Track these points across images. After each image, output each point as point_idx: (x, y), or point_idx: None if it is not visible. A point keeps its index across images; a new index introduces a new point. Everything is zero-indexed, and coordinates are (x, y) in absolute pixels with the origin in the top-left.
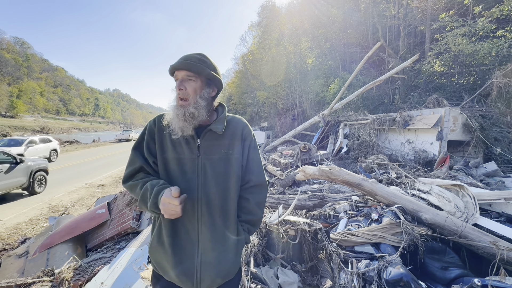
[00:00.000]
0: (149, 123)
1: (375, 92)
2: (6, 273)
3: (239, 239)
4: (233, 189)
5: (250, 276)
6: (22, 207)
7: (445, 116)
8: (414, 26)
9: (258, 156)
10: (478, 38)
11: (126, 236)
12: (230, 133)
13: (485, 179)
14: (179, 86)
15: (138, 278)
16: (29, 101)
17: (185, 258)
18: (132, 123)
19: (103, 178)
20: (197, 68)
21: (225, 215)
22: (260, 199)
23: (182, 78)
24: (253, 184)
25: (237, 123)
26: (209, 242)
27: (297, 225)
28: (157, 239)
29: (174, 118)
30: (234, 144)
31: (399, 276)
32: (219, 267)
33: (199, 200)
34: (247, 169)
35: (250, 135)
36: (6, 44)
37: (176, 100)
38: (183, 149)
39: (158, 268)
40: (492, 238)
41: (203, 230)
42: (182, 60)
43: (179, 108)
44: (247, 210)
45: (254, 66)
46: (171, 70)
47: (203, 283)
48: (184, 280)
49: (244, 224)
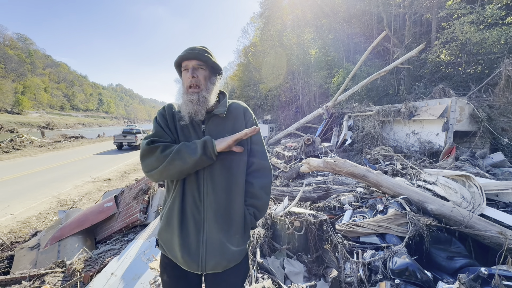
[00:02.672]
0: (159, 111)
1: (380, 83)
2: (20, 264)
3: (245, 223)
4: (238, 172)
5: (256, 266)
6: (31, 202)
7: (451, 107)
8: (420, 15)
9: (261, 139)
10: (487, 25)
11: (133, 228)
12: (232, 117)
13: (492, 169)
14: (192, 74)
15: (147, 268)
16: (34, 97)
17: (191, 239)
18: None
19: (109, 172)
20: (205, 58)
21: (230, 198)
22: (264, 183)
23: (193, 67)
24: (256, 168)
25: (238, 107)
26: (214, 224)
27: (302, 216)
28: (166, 220)
29: (186, 104)
30: (236, 127)
31: (405, 266)
32: (223, 249)
33: (204, 181)
34: (250, 152)
35: (251, 118)
36: (9, 41)
37: (185, 88)
38: (190, 134)
39: (165, 250)
40: (499, 228)
41: (208, 213)
42: (191, 51)
43: (193, 94)
44: (252, 194)
45: (256, 59)
46: (179, 61)
47: (208, 265)
48: (189, 261)
49: (250, 208)
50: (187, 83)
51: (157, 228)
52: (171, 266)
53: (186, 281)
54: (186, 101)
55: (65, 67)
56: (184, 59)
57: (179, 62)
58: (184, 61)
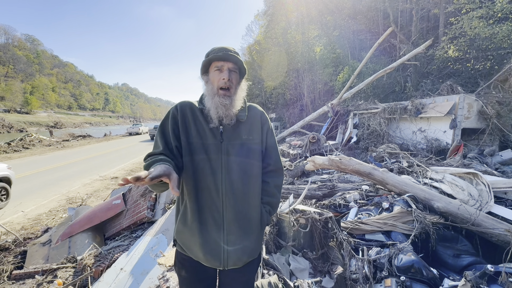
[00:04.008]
0: (172, 110)
1: (386, 80)
2: (33, 259)
3: (262, 220)
4: (255, 172)
5: (262, 263)
6: (42, 199)
7: (459, 103)
8: (427, 10)
9: (275, 141)
10: (497, 20)
11: (141, 225)
12: (249, 120)
13: (500, 167)
14: (229, 77)
15: (155, 264)
16: (42, 97)
17: (211, 240)
18: (142, 117)
19: (116, 170)
20: (240, 62)
21: (248, 198)
22: (278, 182)
23: (229, 69)
24: (272, 169)
25: (255, 111)
26: (234, 223)
27: (307, 214)
28: (183, 222)
29: (217, 107)
30: (253, 130)
31: (410, 263)
32: (244, 247)
33: (223, 183)
34: (266, 154)
35: (267, 122)
36: (17, 42)
37: (216, 89)
38: (207, 135)
39: (185, 250)
40: (506, 226)
41: (228, 213)
42: (228, 52)
43: (225, 97)
44: (268, 192)
45: (261, 57)
46: (213, 60)
47: (230, 261)
48: (211, 260)
49: (266, 206)
50: (220, 84)
51: (165, 225)
52: (190, 262)
53: (205, 275)
54: (218, 104)
55: (72, 67)
56: (220, 59)
57: (213, 61)
58: (218, 61)
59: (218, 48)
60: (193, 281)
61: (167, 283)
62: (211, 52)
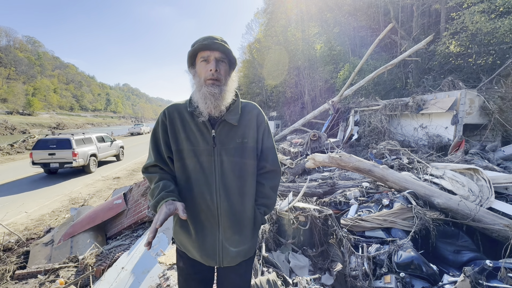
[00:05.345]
0: (160, 116)
1: (387, 77)
2: (35, 259)
3: (256, 221)
4: (250, 175)
5: (262, 261)
6: (44, 200)
7: (460, 99)
8: (428, 5)
9: (272, 142)
10: (498, 14)
11: (142, 224)
12: (244, 122)
13: (502, 162)
14: (216, 67)
15: (156, 263)
16: (44, 99)
17: (207, 242)
18: (143, 117)
19: (118, 171)
20: (228, 50)
21: (243, 201)
22: (274, 183)
23: (216, 59)
24: (268, 170)
25: (251, 111)
26: (229, 226)
27: (307, 211)
28: (180, 224)
29: (205, 97)
30: (249, 132)
31: (410, 259)
32: (239, 248)
33: (217, 188)
34: (262, 156)
35: (263, 123)
36: (19, 44)
37: (203, 80)
38: (198, 140)
39: (182, 248)
40: (506, 221)
41: (223, 216)
42: (214, 41)
43: (214, 86)
44: (263, 194)
45: (261, 55)
46: (198, 49)
47: (225, 261)
48: (207, 260)
49: (261, 207)
50: (207, 75)
51: (165, 224)
52: (187, 256)
53: (201, 267)
54: (206, 94)
55: (73, 68)
56: (205, 49)
57: (198, 51)
58: (204, 50)
59: (204, 37)
60: (190, 273)
61: (168, 282)
62: (196, 42)
